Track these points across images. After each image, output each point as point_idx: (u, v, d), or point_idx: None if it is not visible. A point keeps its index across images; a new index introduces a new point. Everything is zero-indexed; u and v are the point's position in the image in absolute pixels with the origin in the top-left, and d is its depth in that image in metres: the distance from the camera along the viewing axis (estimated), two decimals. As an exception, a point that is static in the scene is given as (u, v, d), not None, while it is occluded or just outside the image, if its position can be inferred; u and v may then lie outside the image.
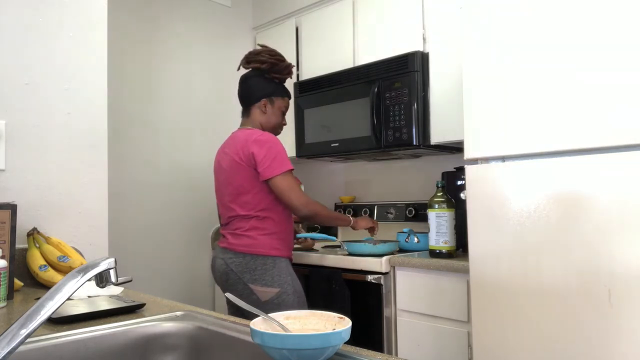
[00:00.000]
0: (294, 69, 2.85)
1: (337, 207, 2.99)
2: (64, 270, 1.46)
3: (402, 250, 2.30)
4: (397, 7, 2.39)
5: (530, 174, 1.51)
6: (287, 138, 2.84)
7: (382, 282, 2.06)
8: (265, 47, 2.09)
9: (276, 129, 2.09)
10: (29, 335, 0.63)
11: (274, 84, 2.07)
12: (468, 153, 1.65)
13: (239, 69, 2.14)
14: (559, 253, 1.44)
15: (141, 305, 1.14)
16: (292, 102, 2.79)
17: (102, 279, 0.75)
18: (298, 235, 2.55)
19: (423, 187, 2.65)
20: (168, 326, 1.02)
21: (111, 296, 1.27)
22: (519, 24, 1.55)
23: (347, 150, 2.50)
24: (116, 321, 1.02)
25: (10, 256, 1.32)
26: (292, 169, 1.90)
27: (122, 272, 2.41)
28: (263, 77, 2.06)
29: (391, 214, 2.71)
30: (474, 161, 1.66)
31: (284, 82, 2.11)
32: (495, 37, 1.59)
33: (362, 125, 2.41)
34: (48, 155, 1.61)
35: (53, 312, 0.65)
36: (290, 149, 2.81)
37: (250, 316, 0.81)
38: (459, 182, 2.20)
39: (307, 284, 2.30)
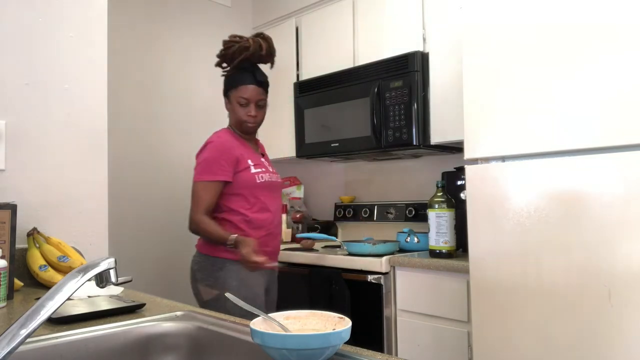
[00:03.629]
0: (295, 68, 2.85)
1: (337, 207, 2.99)
2: (64, 270, 1.46)
3: (402, 250, 2.30)
4: (397, 7, 2.39)
5: (530, 174, 1.51)
6: (287, 138, 2.84)
7: (382, 282, 2.06)
8: (225, 40, 1.97)
9: (241, 124, 1.94)
10: (29, 335, 0.63)
11: (227, 79, 1.97)
12: (468, 153, 1.65)
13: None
14: (559, 253, 1.44)
15: (141, 305, 1.14)
16: (292, 102, 2.80)
17: (102, 279, 0.75)
18: (298, 235, 2.55)
19: (423, 187, 2.65)
20: (168, 326, 1.02)
21: (111, 296, 1.27)
22: (518, 24, 1.55)
23: (347, 150, 2.50)
24: (116, 321, 1.02)
25: (10, 256, 1.32)
26: (209, 180, 1.81)
27: (122, 272, 2.40)
28: (225, 77, 1.99)
29: (391, 214, 2.71)
30: (474, 161, 1.66)
31: (247, 66, 1.92)
32: (495, 37, 1.59)
33: (362, 125, 2.41)
34: (48, 155, 1.60)
35: (53, 312, 0.65)
36: (290, 149, 2.81)
37: (250, 316, 0.81)
38: (459, 182, 2.20)
39: (307, 284, 2.30)
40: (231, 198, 1.86)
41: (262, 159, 1.99)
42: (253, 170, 1.89)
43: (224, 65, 1.99)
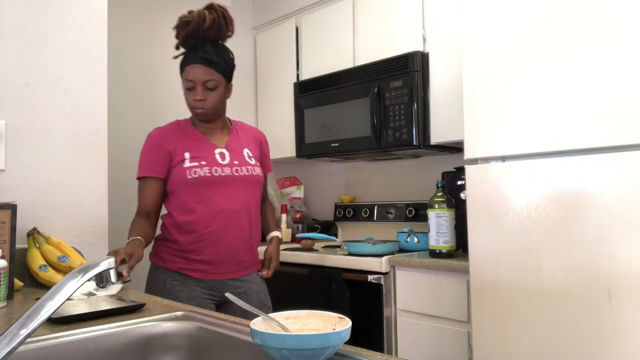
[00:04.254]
0: (295, 68, 2.85)
1: (337, 207, 2.99)
2: (64, 270, 1.46)
3: (402, 250, 2.30)
4: (397, 7, 2.39)
5: (530, 174, 1.51)
6: (287, 138, 2.84)
7: (382, 282, 2.06)
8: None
9: (192, 110, 1.67)
10: (29, 335, 0.63)
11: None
12: (468, 153, 1.65)
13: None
14: (559, 253, 1.44)
15: (141, 305, 1.14)
16: (292, 102, 2.80)
17: (102, 279, 0.75)
18: (298, 235, 2.55)
19: (423, 187, 2.65)
20: (168, 326, 1.02)
21: (111, 296, 1.27)
22: (518, 24, 1.54)
23: (347, 150, 2.50)
24: (116, 321, 1.02)
25: (10, 256, 1.32)
26: (140, 177, 1.66)
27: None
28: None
29: (391, 214, 2.71)
30: (474, 161, 1.66)
31: (193, 44, 1.62)
32: (495, 37, 1.59)
33: (362, 125, 2.41)
34: (48, 155, 1.60)
35: (53, 312, 0.65)
36: (290, 149, 2.81)
37: (248, 315, 0.81)
38: (459, 182, 2.20)
39: (307, 284, 2.30)
40: (169, 197, 1.65)
41: (220, 150, 1.66)
42: (187, 164, 1.60)
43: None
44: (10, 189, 1.51)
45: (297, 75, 2.85)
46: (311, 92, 2.67)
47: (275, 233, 1.84)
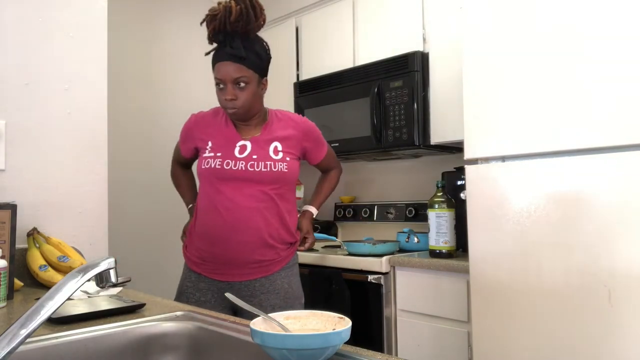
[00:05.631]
0: (295, 68, 2.85)
1: (337, 207, 2.99)
2: (64, 270, 1.46)
3: (402, 250, 2.30)
4: (397, 7, 2.39)
5: (530, 174, 1.51)
6: (287, 138, 2.84)
7: (382, 282, 2.06)
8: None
9: (224, 110, 1.58)
10: (29, 335, 0.63)
11: None
12: (468, 153, 1.65)
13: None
14: (559, 253, 1.44)
15: (141, 305, 1.14)
16: (292, 102, 2.80)
17: (102, 279, 0.75)
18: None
19: (423, 187, 2.64)
20: (168, 326, 1.02)
21: (111, 296, 1.27)
22: (518, 24, 1.55)
23: (347, 150, 2.50)
24: (116, 321, 1.02)
25: (10, 256, 1.32)
26: (177, 144, 1.76)
27: (122, 272, 2.40)
28: None
29: (391, 214, 2.71)
30: (474, 161, 1.66)
31: (221, 39, 1.54)
32: (495, 37, 1.59)
33: (362, 125, 2.41)
34: (48, 155, 1.60)
35: (53, 312, 0.65)
36: (290, 149, 2.81)
37: (250, 316, 0.81)
38: (459, 182, 2.20)
39: (307, 284, 2.30)
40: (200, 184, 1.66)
41: (243, 142, 1.57)
42: (206, 154, 1.58)
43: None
44: (10, 189, 1.51)
45: (297, 75, 2.85)
46: (311, 92, 2.67)
47: (306, 207, 1.77)
